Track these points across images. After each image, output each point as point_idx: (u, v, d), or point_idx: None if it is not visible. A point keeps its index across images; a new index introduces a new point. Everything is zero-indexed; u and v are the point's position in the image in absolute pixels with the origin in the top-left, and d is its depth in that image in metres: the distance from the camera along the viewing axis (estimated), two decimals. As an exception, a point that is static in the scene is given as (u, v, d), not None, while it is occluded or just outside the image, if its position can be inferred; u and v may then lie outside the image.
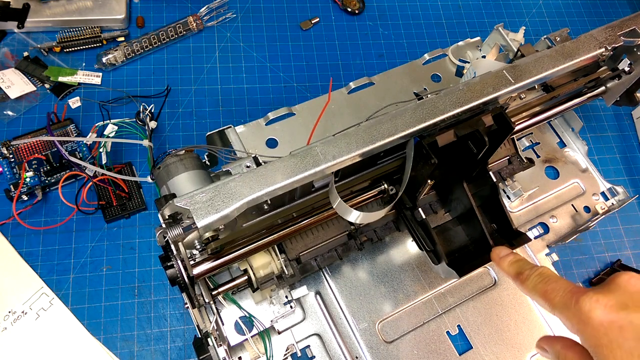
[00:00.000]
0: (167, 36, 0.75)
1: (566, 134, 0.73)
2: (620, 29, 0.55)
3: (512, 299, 0.62)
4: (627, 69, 0.59)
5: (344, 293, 0.60)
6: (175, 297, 0.62)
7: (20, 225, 0.62)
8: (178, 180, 0.47)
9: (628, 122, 0.82)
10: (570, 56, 0.51)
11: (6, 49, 0.72)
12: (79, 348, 0.58)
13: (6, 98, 0.68)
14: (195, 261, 0.47)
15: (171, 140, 0.70)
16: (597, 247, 0.71)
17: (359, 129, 0.44)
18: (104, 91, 0.72)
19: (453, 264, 0.49)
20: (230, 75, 0.76)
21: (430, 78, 0.74)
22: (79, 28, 0.73)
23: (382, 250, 0.63)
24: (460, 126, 0.46)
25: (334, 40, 0.81)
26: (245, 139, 0.65)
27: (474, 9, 0.88)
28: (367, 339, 0.58)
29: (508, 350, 0.60)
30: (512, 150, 0.62)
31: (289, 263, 0.53)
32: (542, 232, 0.67)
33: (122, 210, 0.64)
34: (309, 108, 0.69)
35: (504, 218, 0.52)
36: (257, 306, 0.54)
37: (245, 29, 0.80)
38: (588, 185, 0.71)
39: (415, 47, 0.82)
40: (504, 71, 0.49)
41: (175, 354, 0.59)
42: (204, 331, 0.52)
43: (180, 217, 0.41)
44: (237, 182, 0.41)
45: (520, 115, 0.59)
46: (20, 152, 0.64)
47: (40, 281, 0.60)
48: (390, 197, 0.54)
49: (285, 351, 0.57)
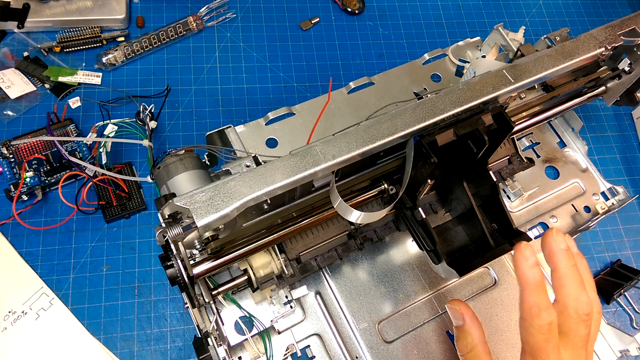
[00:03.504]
0: (167, 36, 0.75)
1: (566, 134, 0.73)
2: (620, 28, 0.55)
3: (512, 299, 0.62)
4: (627, 69, 0.59)
5: (344, 293, 0.60)
6: (175, 297, 0.62)
7: (20, 225, 0.62)
8: (178, 180, 0.47)
9: (628, 122, 0.82)
10: (570, 56, 0.51)
11: (6, 49, 0.72)
12: (79, 348, 0.58)
13: (6, 98, 0.68)
14: (195, 261, 0.47)
15: (171, 140, 0.70)
16: (597, 247, 0.71)
17: (359, 128, 0.44)
18: (104, 91, 0.72)
19: (453, 263, 0.49)
20: (230, 75, 0.76)
21: (430, 78, 0.74)
22: (79, 28, 0.73)
23: (382, 250, 0.63)
24: (460, 125, 0.46)
25: (334, 40, 0.81)
26: (245, 139, 0.65)
27: (474, 9, 0.88)
28: (367, 339, 0.58)
29: (508, 350, 0.60)
30: (512, 150, 0.62)
31: (289, 263, 0.53)
32: (542, 232, 0.67)
33: (122, 210, 0.64)
34: (309, 108, 0.69)
35: (504, 218, 0.52)
36: (257, 306, 0.54)
37: (245, 29, 0.80)
38: (588, 185, 0.71)
39: (415, 47, 0.82)
40: (504, 71, 0.49)
41: (175, 354, 0.59)
42: (204, 331, 0.52)
43: (180, 217, 0.41)
44: (237, 181, 0.41)
45: (520, 115, 0.59)
46: (20, 152, 0.64)
47: (40, 281, 0.60)
48: (390, 196, 0.54)
49: (285, 351, 0.56)
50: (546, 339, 0.40)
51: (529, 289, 0.41)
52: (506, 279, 0.63)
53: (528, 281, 0.41)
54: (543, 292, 0.41)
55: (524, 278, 0.41)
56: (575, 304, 0.40)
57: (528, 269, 0.41)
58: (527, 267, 0.41)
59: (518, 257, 0.42)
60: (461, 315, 0.47)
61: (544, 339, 0.40)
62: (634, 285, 0.67)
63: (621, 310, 0.68)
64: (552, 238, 0.42)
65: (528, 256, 0.41)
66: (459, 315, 0.47)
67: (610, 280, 0.67)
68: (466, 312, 0.47)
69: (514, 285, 0.63)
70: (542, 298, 0.40)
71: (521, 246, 0.42)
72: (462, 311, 0.47)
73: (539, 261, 0.42)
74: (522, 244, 0.42)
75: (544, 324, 0.40)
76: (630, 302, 0.68)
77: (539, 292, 0.41)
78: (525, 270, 0.41)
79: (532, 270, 0.41)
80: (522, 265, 0.41)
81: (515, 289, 0.63)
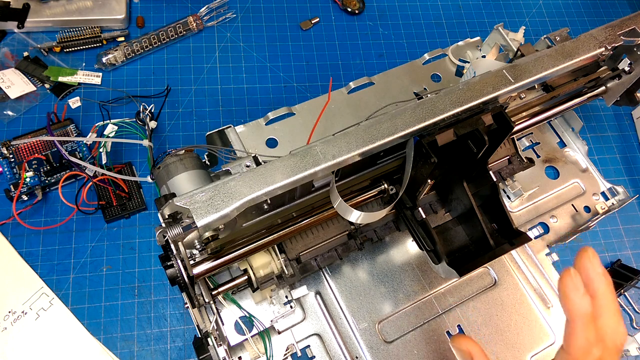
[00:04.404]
0: (167, 36, 0.75)
1: (566, 134, 0.73)
2: (620, 28, 0.55)
3: (512, 299, 0.62)
4: (627, 69, 0.59)
5: (344, 293, 0.60)
6: (175, 297, 0.62)
7: (20, 225, 0.62)
8: (178, 180, 0.47)
9: (628, 122, 0.82)
10: (570, 56, 0.51)
11: (6, 49, 0.72)
12: (79, 348, 0.58)
13: (6, 98, 0.68)
14: (195, 261, 0.47)
15: (171, 140, 0.70)
16: (597, 247, 0.71)
17: (359, 128, 0.44)
18: (104, 91, 0.72)
19: (453, 263, 0.49)
20: (230, 75, 0.76)
21: (430, 78, 0.74)
22: (79, 28, 0.73)
23: (382, 250, 0.63)
24: (460, 125, 0.46)
25: (334, 40, 0.81)
26: (245, 139, 0.65)
27: (474, 9, 0.88)
28: (367, 339, 0.58)
29: (508, 350, 0.60)
30: (512, 150, 0.62)
31: (289, 263, 0.53)
32: (542, 232, 0.67)
33: (122, 210, 0.64)
34: (309, 108, 0.69)
35: (504, 218, 0.52)
36: (257, 306, 0.54)
37: (245, 29, 0.80)
38: (588, 185, 0.71)
39: (415, 47, 0.82)
40: (504, 71, 0.49)
41: (175, 354, 0.59)
42: (204, 331, 0.52)
43: (180, 217, 0.41)
44: (237, 181, 0.41)
45: (520, 115, 0.59)
46: (20, 152, 0.64)
47: (40, 281, 0.60)
48: (390, 196, 0.54)
49: (285, 351, 0.56)
50: None
51: (582, 323, 0.37)
52: (506, 279, 0.63)
53: (580, 313, 0.37)
54: (592, 326, 0.37)
55: (574, 310, 0.37)
56: (614, 336, 0.37)
57: (580, 299, 0.37)
58: (579, 298, 0.37)
59: (567, 286, 0.37)
60: (469, 355, 0.43)
61: None
62: (634, 285, 0.67)
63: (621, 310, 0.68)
64: (589, 261, 0.37)
65: (578, 284, 0.37)
66: (467, 356, 0.44)
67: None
68: (473, 349, 0.43)
69: (513, 285, 0.63)
70: (592, 332, 0.37)
71: (570, 272, 0.37)
72: (470, 351, 0.43)
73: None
74: (571, 270, 0.37)
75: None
76: (630, 302, 0.68)
77: (590, 325, 0.37)
78: (576, 301, 0.37)
79: (583, 301, 0.37)
80: (572, 295, 0.37)
81: (515, 289, 0.63)
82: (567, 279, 0.37)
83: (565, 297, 0.37)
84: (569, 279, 0.37)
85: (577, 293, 0.37)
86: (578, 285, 0.37)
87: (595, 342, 0.37)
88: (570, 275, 0.37)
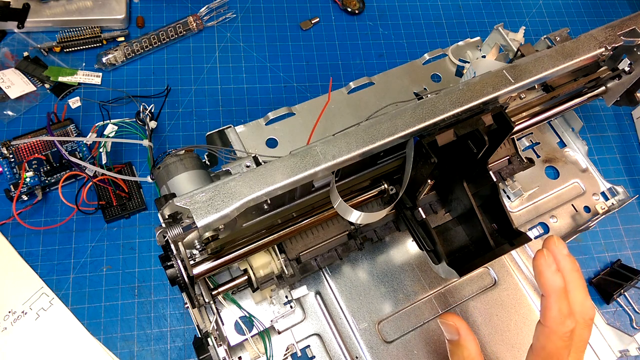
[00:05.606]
0: (167, 36, 0.75)
1: (566, 134, 0.73)
2: (620, 28, 0.55)
3: (512, 299, 0.62)
4: (627, 69, 0.59)
5: (344, 293, 0.60)
6: (175, 297, 0.62)
7: (20, 225, 0.62)
8: (178, 180, 0.47)
9: (628, 122, 0.82)
10: (570, 56, 0.51)
11: (6, 49, 0.72)
12: (79, 348, 0.58)
13: (6, 98, 0.68)
14: (195, 261, 0.47)
15: (171, 140, 0.70)
16: (597, 247, 0.71)
17: (359, 128, 0.44)
18: (104, 91, 0.72)
19: (453, 263, 0.49)
20: (230, 75, 0.76)
21: (430, 78, 0.74)
22: (79, 28, 0.73)
23: (382, 250, 0.63)
24: (460, 125, 0.46)
25: (334, 40, 0.81)
26: (245, 139, 0.65)
27: (474, 9, 0.88)
28: (367, 339, 0.58)
29: (508, 350, 0.60)
30: (512, 150, 0.62)
31: (289, 263, 0.53)
32: (542, 232, 0.67)
33: (122, 210, 0.64)
34: (309, 108, 0.69)
35: (505, 218, 0.52)
36: (257, 306, 0.54)
37: (245, 29, 0.80)
38: (588, 185, 0.71)
39: (415, 47, 0.82)
40: (504, 71, 0.49)
41: (175, 354, 0.59)
42: (204, 331, 0.52)
43: (180, 217, 0.41)
44: (237, 181, 0.41)
45: (520, 115, 0.59)
46: (20, 152, 0.64)
47: (40, 281, 0.60)
48: (390, 197, 0.54)
49: (285, 351, 0.56)
50: (566, 346, 0.40)
51: (555, 296, 0.40)
52: (506, 279, 0.63)
53: (553, 288, 0.41)
54: (566, 299, 0.40)
55: (548, 284, 0.41)
56: (581, 309, 0.41)
57: (552, 275, 0.41)
58: (551, 274, 0.41)
59: (541, 264, 0.41)
60: (455, 329, 0.46)
61: (564, 345, 0.40)
62: (634, 285, 0.67)
63: (621, 310, 0.68)
64: (554, 245, 0.42)
65: (550, 262, 0.41)
66: (454, 330, 0.46)
67: (610, 280, 0.67)
68: (460, 325, 0.46)
69: (513, 285, 0.63)
70: (565, 305, 0.40)
71: (543, 252, 0.42)
72: (456, 325, 0.46)
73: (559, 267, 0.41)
74: (543, 250, 0.42)
75: (567, 330, 0.40)
76: (630, 302, 0.68)
77: (563, 299, 0.40)
78: (549, 277, 0.41)
79: (555, 276, 0.41)
80: (545, 271, 0.41)
81: (515, 289, 0.63)
82: (540, 258, 0.41)
83: (539, 274, 0.41)
84: (542, 258, 0.41)
85: (550, 269, 0.41)
86: (550, 263, 0.41)
87: (568, 315, 0.40)
88: (544, 255, 0.41)
